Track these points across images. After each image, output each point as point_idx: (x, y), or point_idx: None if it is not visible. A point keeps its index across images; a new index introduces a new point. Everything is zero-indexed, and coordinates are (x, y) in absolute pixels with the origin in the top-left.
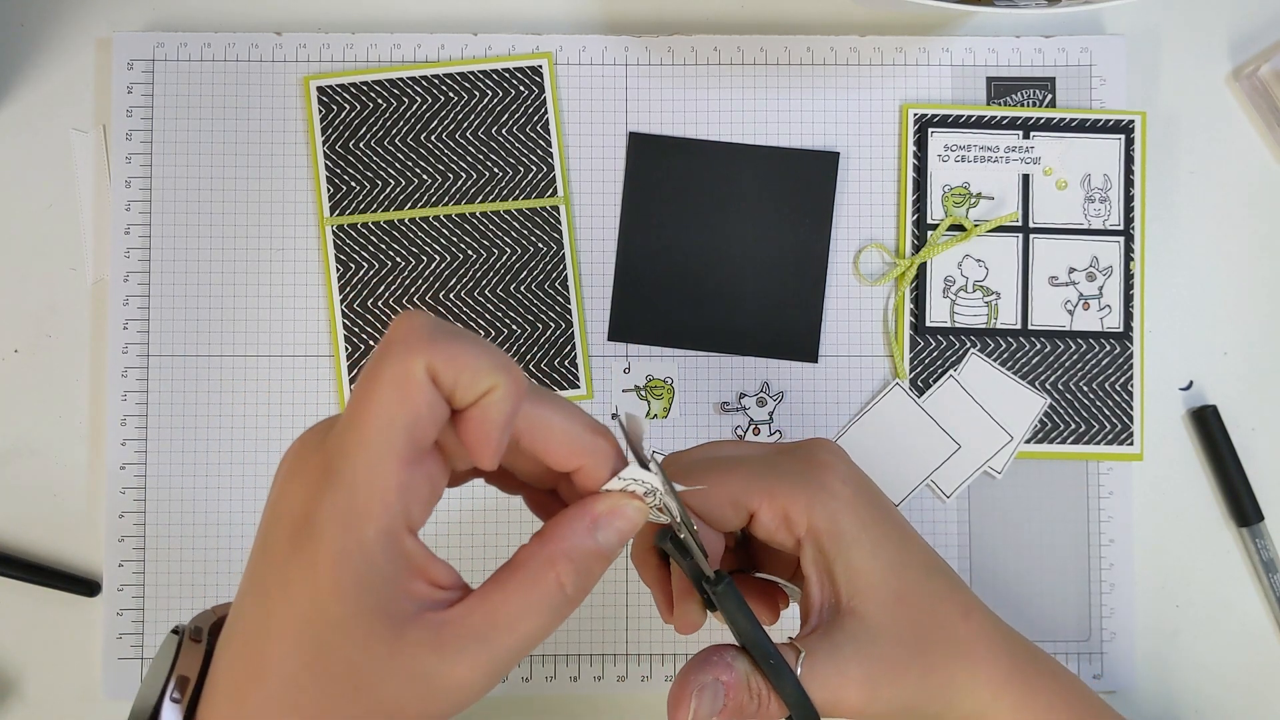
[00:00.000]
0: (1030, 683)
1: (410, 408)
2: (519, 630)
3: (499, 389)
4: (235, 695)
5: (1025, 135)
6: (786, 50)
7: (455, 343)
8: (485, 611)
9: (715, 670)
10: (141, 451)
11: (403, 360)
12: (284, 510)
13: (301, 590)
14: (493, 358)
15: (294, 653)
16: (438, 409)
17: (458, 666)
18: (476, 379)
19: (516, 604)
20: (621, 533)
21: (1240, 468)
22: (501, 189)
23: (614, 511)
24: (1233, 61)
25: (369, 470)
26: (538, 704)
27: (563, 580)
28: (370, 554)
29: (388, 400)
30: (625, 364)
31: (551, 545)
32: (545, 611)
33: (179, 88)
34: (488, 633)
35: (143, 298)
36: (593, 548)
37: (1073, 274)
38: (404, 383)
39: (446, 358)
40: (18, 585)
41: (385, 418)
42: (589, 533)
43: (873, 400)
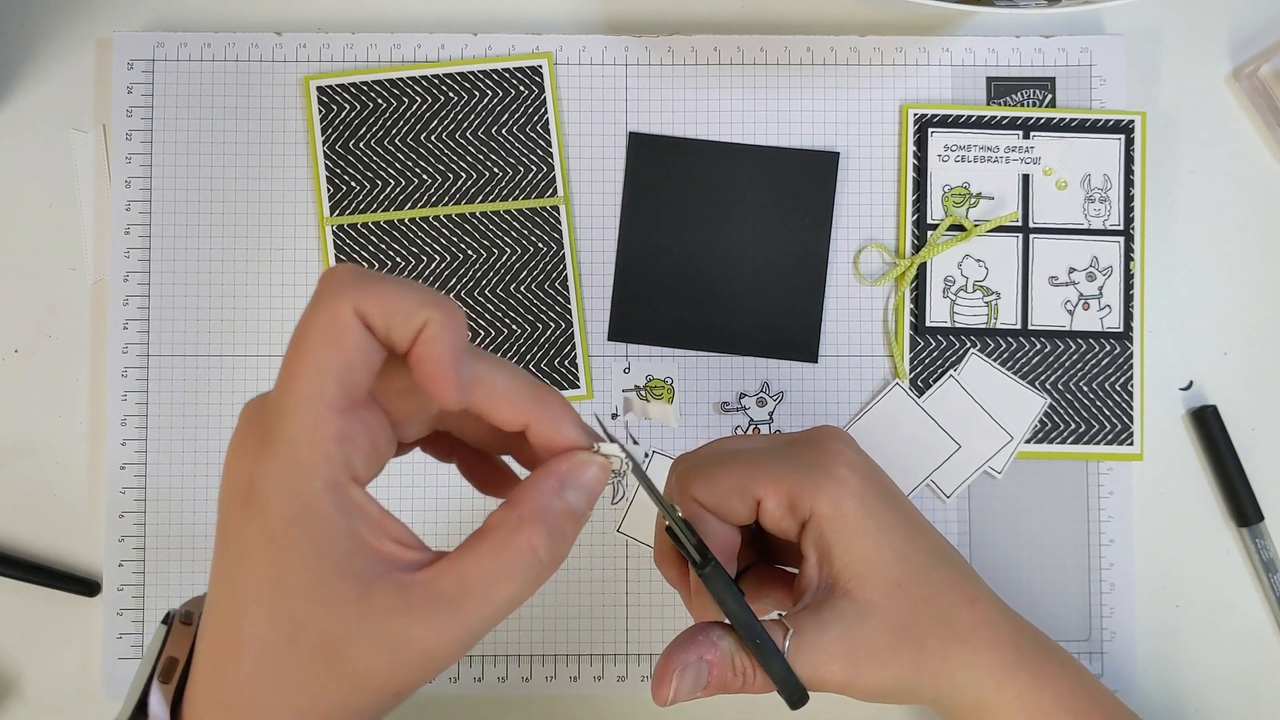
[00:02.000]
0: (1037, 674)
1: (340, 352)
2: (492, 595)
3: (433, 321)
4: (214, 672)
5: (1025, 135)
6: (786, 50)
7: (381, 283)
8: (456, 575)
9: (700, 648)
10: (141, 451)
11: (329, 305)
12: (230, 482)
13: (261, 559)
14: (422, 293)
15: (266, 624)
16: (370, 352)
17: (426, 630)
18: (410, 315)
19: (488, 568)
20: (588, 490)
21: (1240, 468)
22: (501, 189)
23: (577, 468)
24: (1233, 61)
25: (304, 423)
26: (538, 704)
27: (534, 543)
28: (320, 510)
29: (316, 348)
30: (625, 364)
31: (521, 508)
32: (518, 575)
33: (179, 88)
34: (458, 597)
35: (143, 298)
36: (563, 508)
37: (1073, 274)
38: (331, 328)
39: (373, 295)
40: (18, 585)
41: (315, 367)
42: (557, 493)
43: (873, 400)
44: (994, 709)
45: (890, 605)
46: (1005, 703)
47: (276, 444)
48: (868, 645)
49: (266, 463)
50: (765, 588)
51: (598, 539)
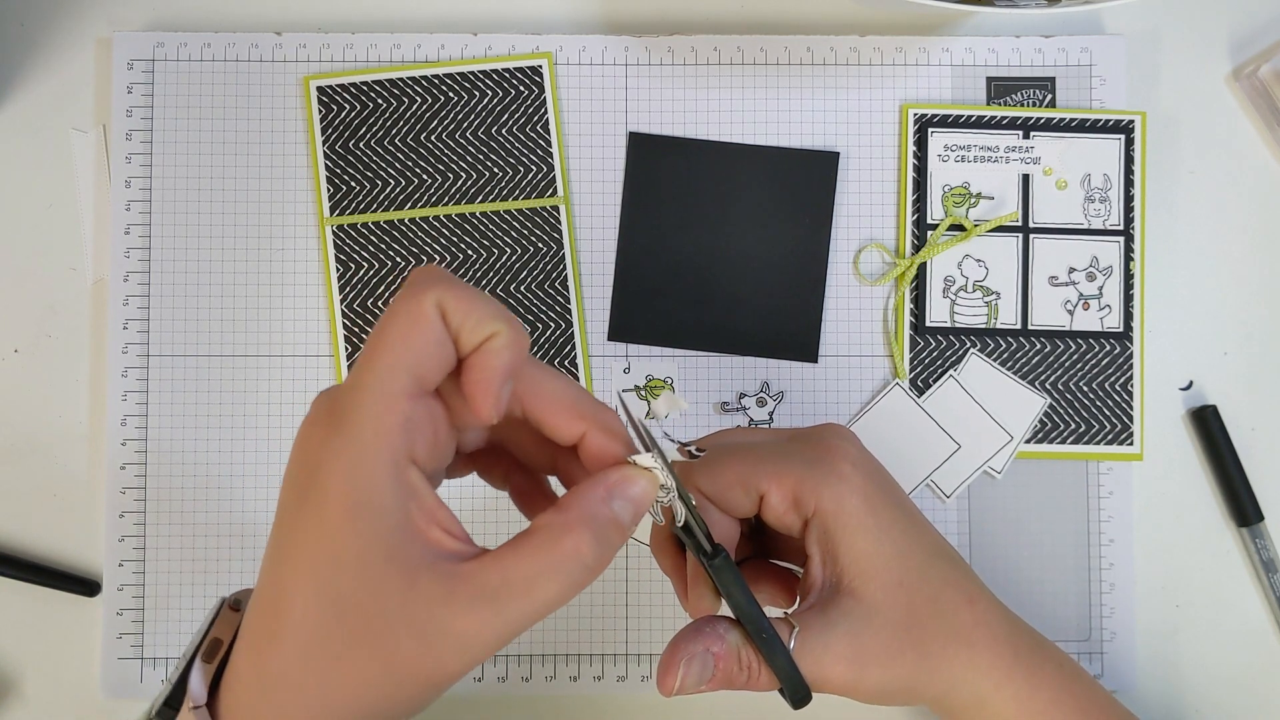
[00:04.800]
0: (1034, 674)
1: (418, 341)
2: (534, 594)
3: (501, 335)
4: (257, 649)
5: (1025, 135)
6: (786, 50)
7: (465, 287)
8: (500, 570)
9: (706, 640)
10: (141, 451)
11: (415, 296)
12: (296, 464)
13: (314, 538)
14: (498, 307)
15: (311, 603)
16: (445, 346)
17: (467, 622)
18: (482, 322)
19: (533, 566)
20: (635, 502)
21: (1240, 468)
22: (501, 189)
23: (626, 480)
24: (1233, 61)
25: (373, 406)
26: (538, 704)
27: (580, 547)
28: (379, 489)
29: (395, 335)
30: (625, 364)
31: (569, 512)
32: (562, 576)
33: (179, 88)
34: (501, 592)
35: (143, 298)
36: (609, 516)
37: (1073, 274)
38: (414, 316)
39: (456, 296)
40: (18, 585)
41: (391, 353)
42: (605, 501)
43: (873, 400)
44: (991, 708)
45: (892, 605)
46: (1002, 702)
47: (345, 425)
48: (873, 646)
49: (333, 442)
50: (761, 582)
51: None
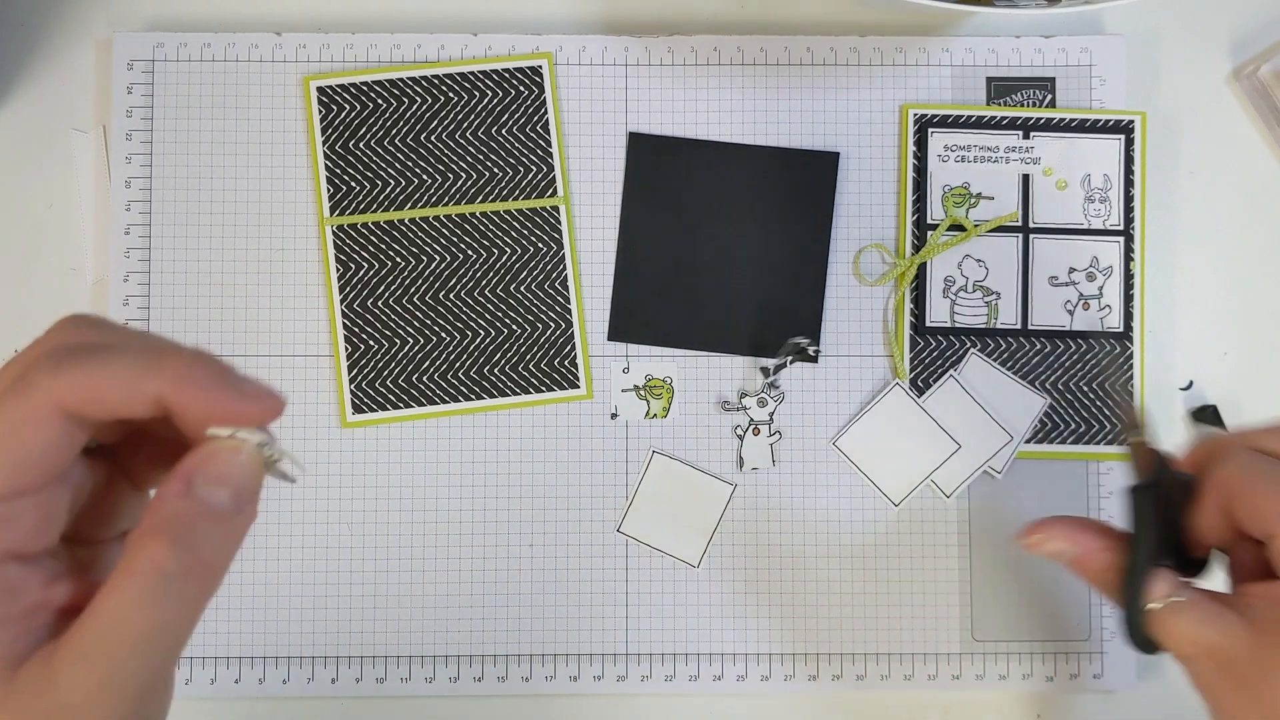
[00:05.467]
0: None
1: (20, 452)
2: (125, 627)
3: (169, 382)
4: None
5: (1025, 135)
6: (786, 50)
7: (90, 365)
8: (96, 618)
9: (1084, 542)
10: None
11: (20, 398)
12: None
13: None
14: (135, 360)
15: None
16: (63, 446)
17: (72, 689)
18: (132, 387)
19: (111, 598)
20: (226, 480)
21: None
22: (501, 189)
23: (208, 460)
24: (1233, 61)
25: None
26: (538, 704)
27: (156, 557)
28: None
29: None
30: (625, 364)
31: (144, 521)
32: (147, 598)
33: (179, 88)
34: (88, 641)
35: (143, 298)
36: (190, 508)
37: (1073, 274)
38: (20, 425)
39: (80, 388)
40: None
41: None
42: (184, 494)
43: (873, 400)
44: None
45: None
46: None
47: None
48: (1232, 685)
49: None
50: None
51: (598, 539)
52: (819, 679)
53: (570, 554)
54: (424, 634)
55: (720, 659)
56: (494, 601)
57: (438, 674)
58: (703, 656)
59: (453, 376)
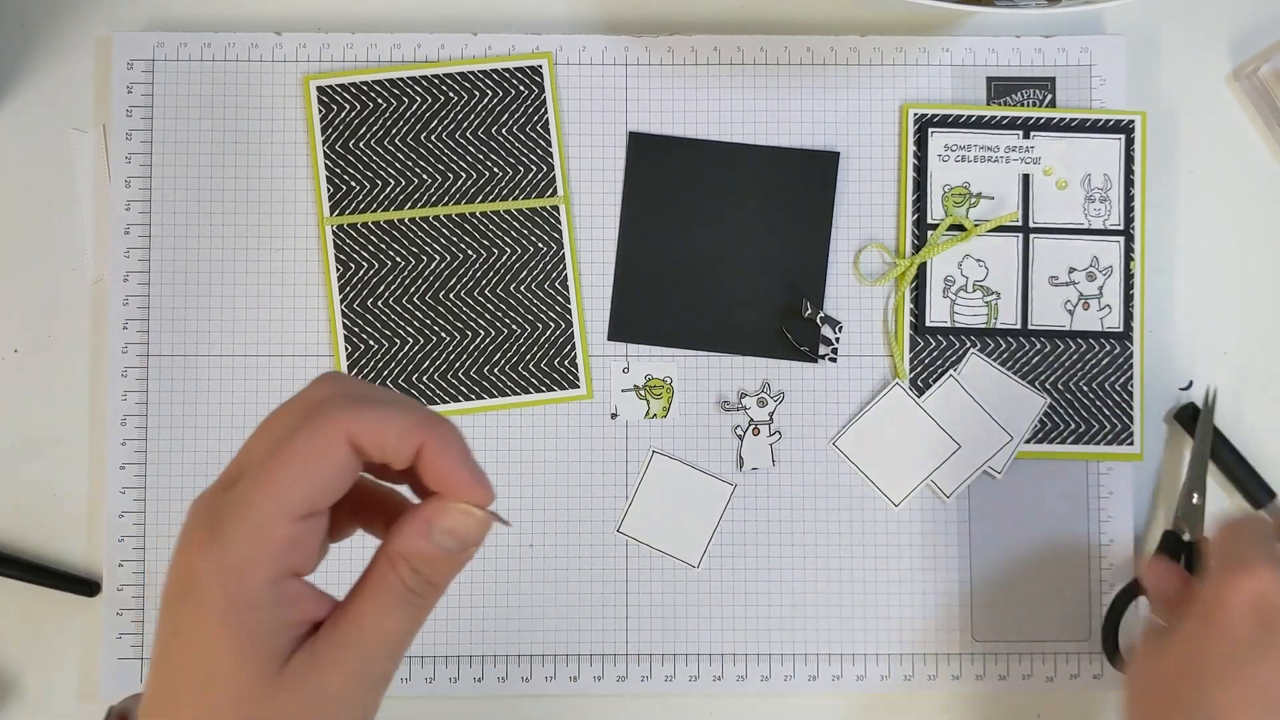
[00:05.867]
0: None
1: (320, 473)
2: (378, 630)
3: (429, 440)
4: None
5: (1025, 135)
6: (786, 50)
7: (372, 409)
8: (347, 621)
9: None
10: (141, 451)
11: (322, 428)
12: (174, 576)
13: (192, 648)
14: (413, 415)
15: (189, 711)
16: (350, 474)
17: (332, 679)
18: (404, 438)
19: (371, 609)
20: (455, 534)
21: (1238, 454)
22: (501, 189)
23: (442, 513)
24: (1233, 61)
25: (259, 525)
26: (538, 704)
27: (404, 577)
28: (258, 601)
29: (295, 464)
30: (625, 364)
31: (390, 545)
32: (396, 608)
33: (179, 88)
34: (352, 641)
35: (143, 298)
36: (428, 549)
37: (1073, 274)
38: (321, 449)
39: (366, 425)
40: (18, 585)
41: (289, 479)
42: (423, 534)
43: (873, 400)
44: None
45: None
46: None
47: (226, 540)
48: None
49: (213, 556)
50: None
51: (598, 539)
52: (819, 679)
53: (570, 554)
54: (424, 634)
55: (720, 659)
56: (494, 601)
57: (438, 674)
58: (703, 656)
59: (453, 376)
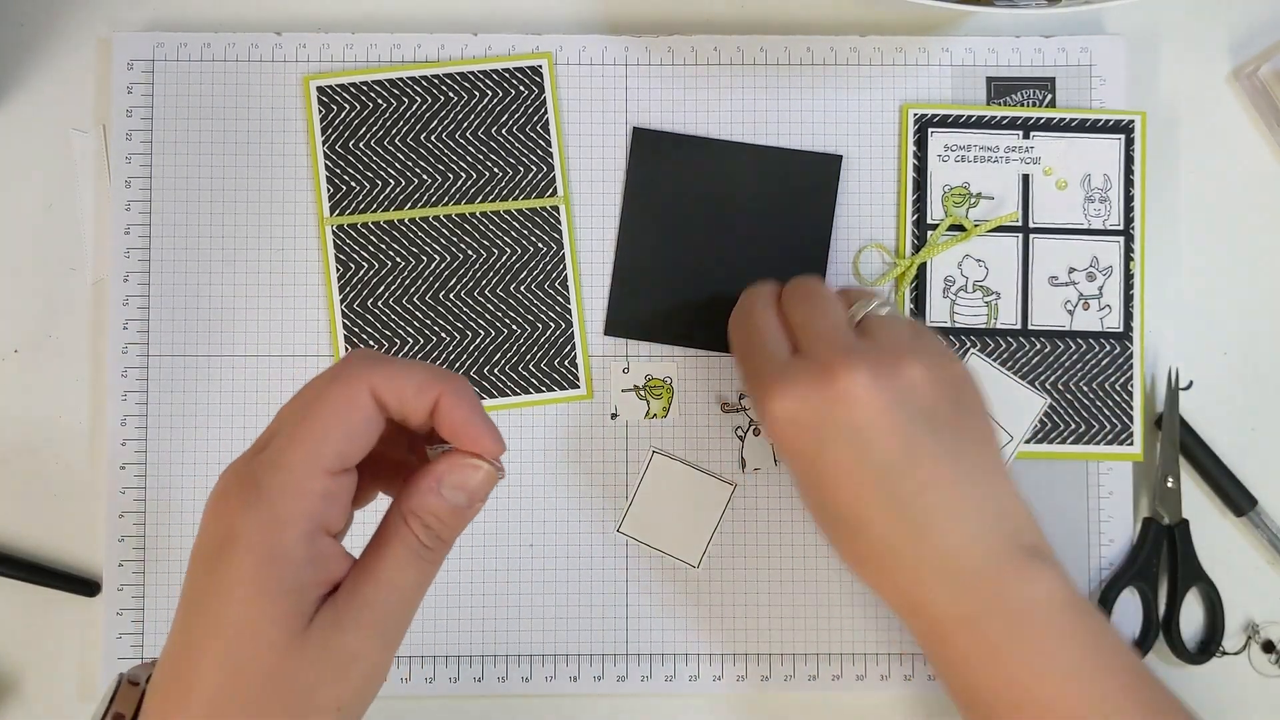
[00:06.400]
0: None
1: (348, 425)
2: (392, 583)
3: (444, 392)
4: (161, 707)
5: (1025, 135)
6: (786, 50)
7: (393, 366)
8: (363, 573)
9: None
10: (141, 451)
11: (345, 383)
12: (208, 533)
13: (221, 607)
14: (423, 368)
15: (214, 668)
16: (374, 426)
17: (353, 637)
18: (421, 391)
19: (383, 559)
20: (464, 488)
21: (1218, 460)
22: (501, 189)
23: (455, 469)
24: (1233, 61)
25: (295, 479)
26: (538, 704)
27: (416, 532)
28: (292, 555)
29: (325, 418)
30: (625, 364)
31: (403, 502)
32: (409, 561)
33: (179, 88)
34: (369, 597)
35: (143, 298)
36: (438, 504)
37: (1073, 274)
38: (348, 401)
39: (387, 378)
40: (18, 585)
41: (320, 433)
42: (434, 490)
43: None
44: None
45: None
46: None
47: (264, 495)
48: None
49: (250, 511)
50: None
51: (598, 539)
52: (819, 679)
53: (570, 554)
54: (424, 634)
55: (720, 659)
56: (494, 601)
57: (438, 674)
58: (703, 656)
59: None
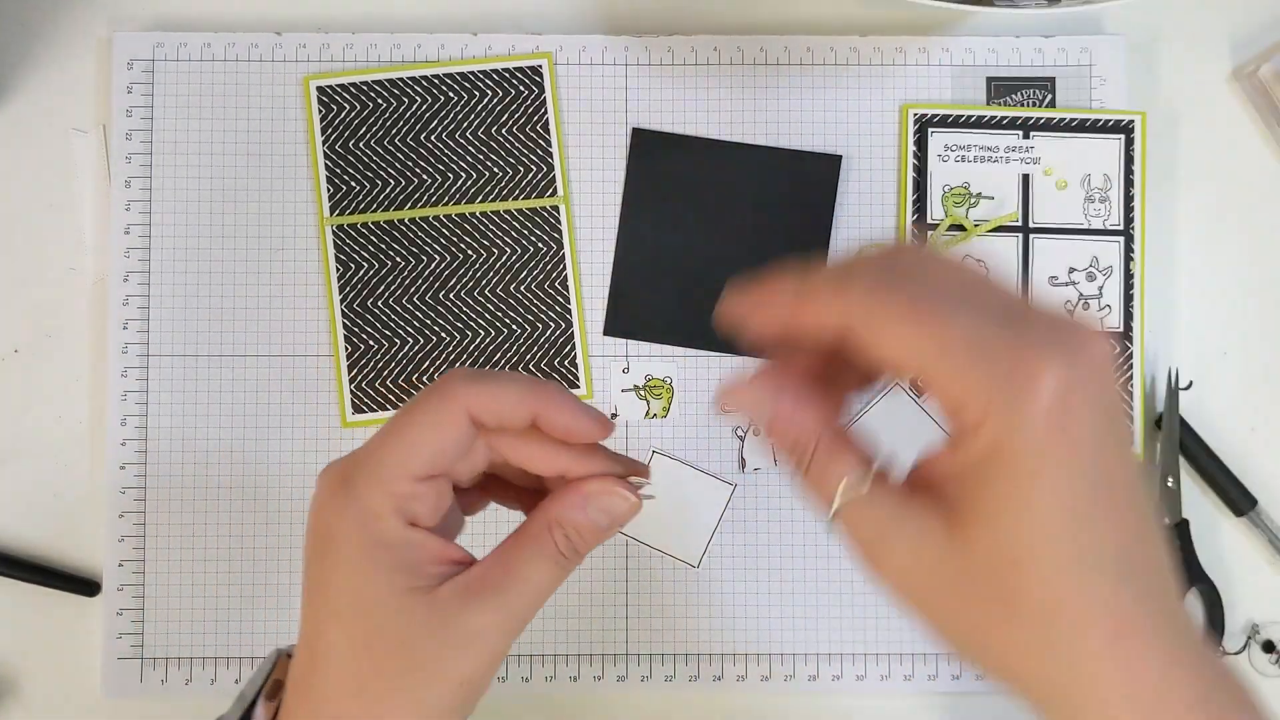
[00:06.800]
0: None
1: (440, 440)
2: (528, 579)
3: (544, 408)
4: (303, 689)
5: (1025, 135)
6: (786, 50)
7: (489, 384)
8: (499, 565)
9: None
10: (141, 451)
11: (446, 399)
12: (313, 533)
13: (336, 587)
14: (519, 384)
15: (342, 643)
16: (466, 440)
17: (481, 614)
18: (516, 410)
19: (522, 556)
20: (609, 513)
21: (1218, 460)
22: (501, 189)
23: (602, 492)
24: (1233, 61)
25: (386, 480)
26: (538, 704)
27: (557, 539)
28: (389, 540)
29: (426, 426)
30: (624, 364)
31: (550, 511)
32: (546, 564)
33: (179, 88)
34: (502, 584)
35: (143, 298)
36: (583, 520)
37: (1073, 274)
38: (444, 417)
39: (482, 398)
40: (18, 585)
41: (412, 442)
42: (580, 507)
43: (873, 400)
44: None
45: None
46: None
47: (357, 492)
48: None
49: (347, 508)
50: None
51: None
52: (819, 679)
53: None
54: None
55: (720, 659)
56: None
57: None
58: (703, 656)
59: None
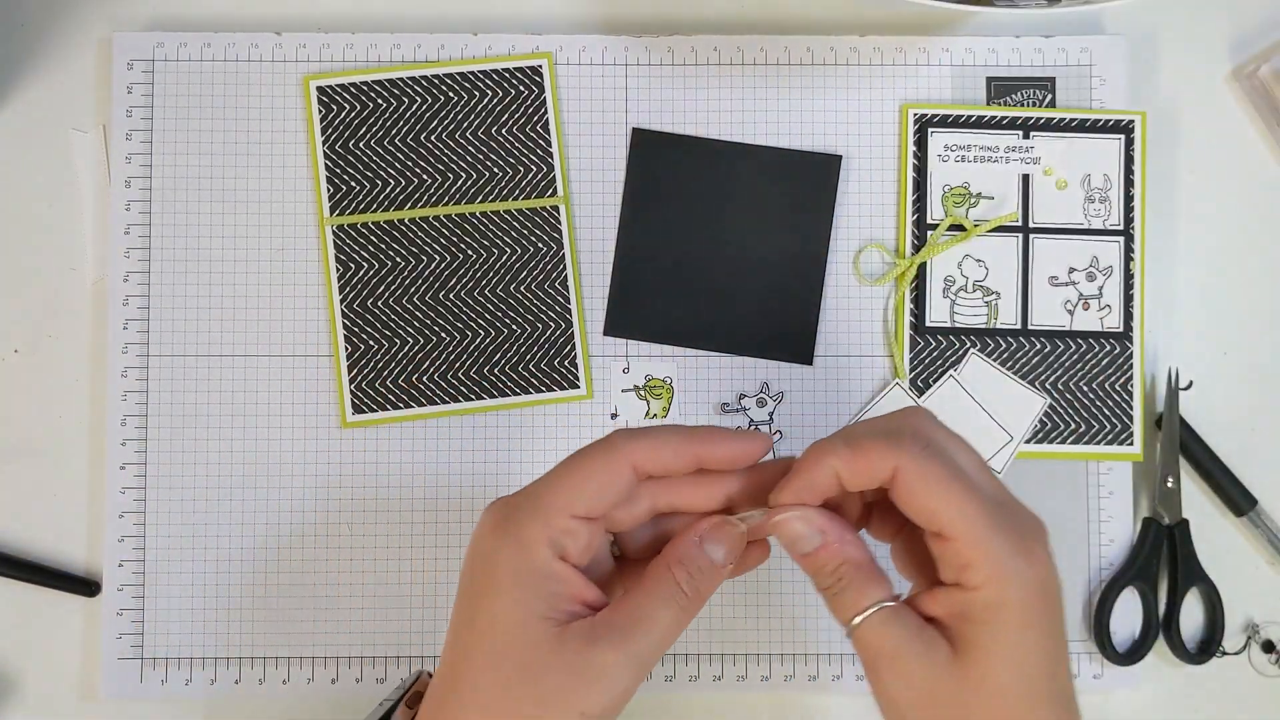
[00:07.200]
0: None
1: (600, 487)
2: (652, 622)
3: (701, 452)
4: (438, 704)
5: (1025, 135)
6: (786, 50)
7: (652, 441)
8: (625, 610)
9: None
10: (141, 451)
11: (612, 453)
12: (471, 563)
13: (485, 614)
14: (677, 435)
15: (482, 663)
16: (624, 489)
17: (605, 655)
18: (678, 455)
19: (646, 601)
20: (724, 547)
21: (1218, 460)
22: (501, 189)
23: (715, 529)
24: (1233, 61)
25: (545, 517)
26: None
27: (679, 580)
28: (536, 569)
29: (593, 473)
30: (625, 364)
31: (669, 554)
32: (670, 606)
33: (179, 88)
34: (627, 626)
35: (143, 298)
36: (700, 558)
37: (1073, 274)
38: (610, 468)
39: (650, 454)
40: (18, 585)
41: (581, 486)
42: (698, 546)
43: (873, 400)
44: None
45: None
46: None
47: (516, 522)
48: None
49: (507, 537)
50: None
51: None
52: (819, 679)
53: None
54: (426, 634)
55: (720, 659)
56: None
57: None
58: (703, 656)
59: (453, 376)
